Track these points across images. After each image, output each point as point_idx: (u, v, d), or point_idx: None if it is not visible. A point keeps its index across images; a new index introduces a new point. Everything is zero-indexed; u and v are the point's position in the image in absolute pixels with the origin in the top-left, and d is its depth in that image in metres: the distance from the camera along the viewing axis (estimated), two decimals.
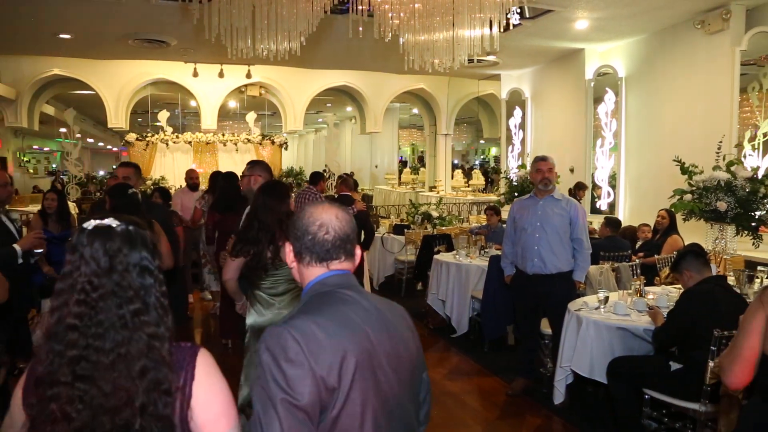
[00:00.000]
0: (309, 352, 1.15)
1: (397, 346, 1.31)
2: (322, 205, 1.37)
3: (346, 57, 9.35)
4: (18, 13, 6.68)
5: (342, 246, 1.34)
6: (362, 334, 1.24)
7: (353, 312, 1.27)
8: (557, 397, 3.72)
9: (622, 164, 7.72)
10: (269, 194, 2.87)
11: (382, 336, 1.28)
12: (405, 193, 13.43)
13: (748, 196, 4.26)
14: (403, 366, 1.32)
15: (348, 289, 1.32)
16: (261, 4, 3.83)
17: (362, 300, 1.31)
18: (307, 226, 1.33)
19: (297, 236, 1.34)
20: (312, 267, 1.33)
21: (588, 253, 4.01)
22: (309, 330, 1.18)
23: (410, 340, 1.38)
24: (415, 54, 4.22)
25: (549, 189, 3.98)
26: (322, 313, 1.24)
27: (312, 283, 1.34)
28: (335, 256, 1.33)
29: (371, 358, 1.23)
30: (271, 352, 1.16)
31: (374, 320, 1.29)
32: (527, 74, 9.68)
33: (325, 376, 1.15)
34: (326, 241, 1.32)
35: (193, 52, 8.96)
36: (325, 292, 1.31)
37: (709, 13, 6.15)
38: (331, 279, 1.33)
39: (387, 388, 1.26)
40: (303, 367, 1.14)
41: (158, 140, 11.10)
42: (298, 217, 1.35)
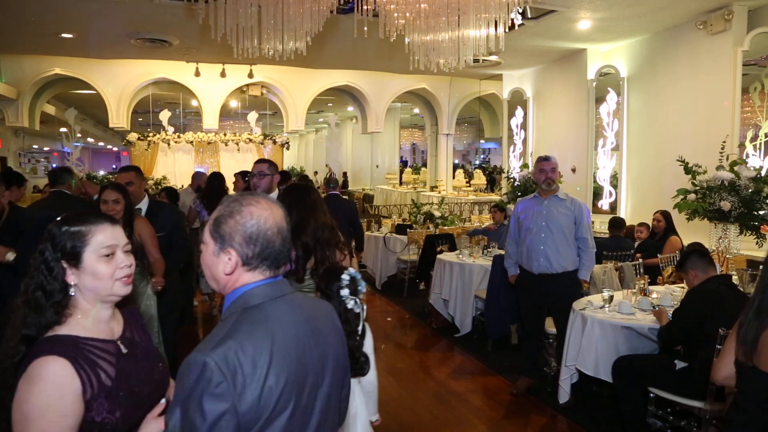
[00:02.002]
0: (234, 386, 1.06)
1: (327, 358, 1.25)
2: (268, 204, 1.24)
3: (351, 57, 9.36)
4: (20, 13, 6.68)
5: (290, 249, 1.24)
6: (293, 358, 1.16)
7: (284, 330, 1.17)
8: (562, 396, 3.74)
9: (624, 164, 7.73)
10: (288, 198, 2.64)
11: (314, 352, 1.21)
12: (406, 192, 13.44)
13: (752, 195, 4.28)
14: (333, 377, 1.27)
15: (281, 300, 1.21)
16: (267, 4, 3.84)
17: (293, 312, 1.21)
18: (264, 232, 1.19)
19: (252, 244, 1.19)
20: (258, 274, 1.21)
21: (593, 252, 4.02)
22: (235, 359, 1.08)
23: (339, 346, 1.32)
24: (421, 54, 4.23)
25: (552, 189, 4.00)
26: (249, 335, 1.12)
27: (241, 292, 1.20)
28: (285, 260, 1.24)
29: (302, 382, 1.17)
30: (191, 384, 1.06)
31: (306, 335, 1.21)
32: (529, 74, 9.69)
33: (248, 412, 1.07)
34: (283, 247, 1.22)
35: (195, 52, 8.97)
36: (255, 308, 1.18)
37: (712, 14, 6.17)
38: (261, 289, 1.20)
39: (314, 409, 1.21)
40: (226, 402, 1.05)
41: (160, 140, 11.10)
42: (246, 220, 1.19)
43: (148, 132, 11.24)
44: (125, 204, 3.10)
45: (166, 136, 11.15)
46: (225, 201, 1.24)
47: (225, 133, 11.84)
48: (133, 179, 3.55)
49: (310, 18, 3.96)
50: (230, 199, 1.24)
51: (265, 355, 1.11)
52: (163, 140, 11.13)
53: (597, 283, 4.59)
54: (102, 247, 1.35)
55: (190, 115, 14.80)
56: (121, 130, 11.26)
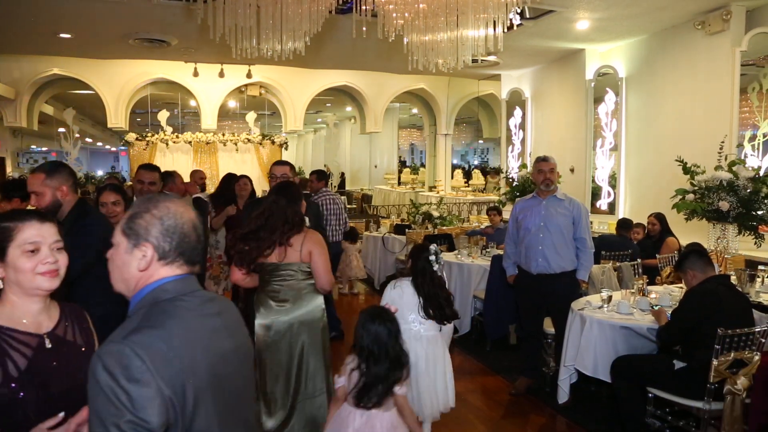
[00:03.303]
0: (155, 370, 1.06)
1: (239, 351, 1.28)
2: (183, 204, 1.27)
3: (349, 57, 9.35)
4: (18, 13, 6.67)
5: (204, 248, 1.30)
6: (207, 347, 1.18)
7: (196, 323, 1.19)
8: (561, 396, 3.74)
9: (623, 164, 7.73)
10: (284, 195, 2.87)
11: (225, 344, 1.24)
12: (405, 192, 13.44)
13: (750, 195, 4.28)
14: (244, 369, 1.31)
15: (191, 295, 1.23)
16: (266, 4, 3.83)
17: (204, 307, 1.24)
18: (181, 226, 1.22)
19: (169, 237, 1.21)
20: (174, 268, 1.22)
21: (591, 252, 4.02)
22: (154, 346, 1.08)
23: (247, 339, 1.36)
24: (419, 54, 4.23)
25: (551, 189, 4.00)
26: (164, 327, 1.13)
27: (152, 288, 1.21)
28: (199, 258, 1.26)
29: (217, 372, 1.18)
30: (110, 372, 1.04)
31: (217, 328, 1.24)
32: (527, 74, 9.70)
33: (172, 395, 1.08)
34: (197, 244, 1.25)
35: (194, 52, 8.96)
36: (166, 301, 1.19)
37: (710, 14, 6.17)
38: (173, 285, 1.21)
39: (231, 398, 1.23)
40: (150, 386, 1.05)
41: (158, 140, 11.09)
42: (164, 215, 1.22)
43: (146, 132, 11.22)
44: (126, 205, 3.10)
45: (165, 136, 11.14)
46: (138, 201, 1.29)
47: (223, 134, 11.83)
48: (156, 180, 3.59)
49: (309, 18, 3.96)
50: (144, 199, 1.27)
51: (180, 339, 1.13)
52: (161, 140, 11.11)
53: (596, 283, 4.60)
54: (26, 243, 1.42)
55: (188, 115, 14.79)
56: (120, 130, 11.24)
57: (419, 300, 2.96)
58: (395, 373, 2.29)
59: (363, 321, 2.35)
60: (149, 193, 3.59)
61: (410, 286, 3.00)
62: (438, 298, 2.97)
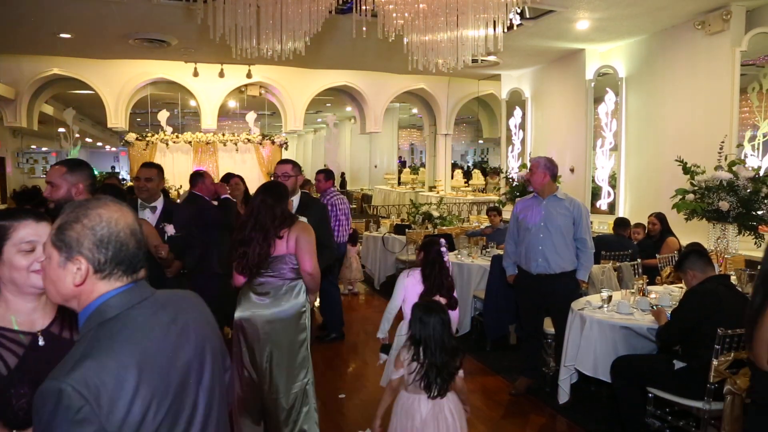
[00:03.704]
0: (99, 408, 0.98)
1: (204, 351, 1.21)
2: (116, 206, 1.16)
3: (349, 57, 9.36)
4: (18, 13, 6.67)
5: (146, 252, 1.18)
6: (164, 363, 1.10)
7: (150, 337, 1.10)
8: (561, 396, 3.74)
9: (622, 164, 7.74)
10: (269, 194, 2.90)
11: (188, 350, 1.16)
12: (405, 192, 13.44)
13: (750, 195, 4.28)
14: (213, 368, 1.23)
15: (141, 306, 1.13)
16: (266, 4, 3.84)
17: (157, 315, 1.15)
18: (116, 234, 1.12)
19: (103, 248, 1.11)
20: (114, 281, 1.13)
21: (591, 252, 4.01)
22: (96, 381, 1.00)
23: (212, 334, 1.28)
24: (419, 54, 4.23)
25: (539, 191, 4.01)
26: (110, 351, 1.04)
27: (95, 306, 1.11)
28: (142, 262, 1.16)
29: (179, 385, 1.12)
30: (48, 416, 0.98)
31: (176, 336, 1.15)
32: (527, 74, 9.70)
33: (120, 429, 1.01)
34: (138, 249, 1.15)
35: (194, 52, 8.96)
36: (113, 320, 1.09)
37: (710, 14, 6.18)
38: (118, 299, 1.12)
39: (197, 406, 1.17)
40: (93, 426, 0.97)
41: (158, 140, 11.10)
42: (95, 223, 1.11)
43: (146, 132, 11.23)
44: None
45: (165, 136, 11.15)
46: (68, 207, 1.16)
47: (223, 134, 11.83)
48: (153, 176, 3.59)
49: (309, 18, 3.96)
50: (74, 205, 1.16)
51: (131, 369, 1.04)
52: (161, 140, 11.12)
53: (596, 283, 4.60)
54: (22, 242, 1.42)
55: (188, 115, 14.79)
56: (120, 130, 11.24)
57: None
58: (454, 361, 2.43)
59: (418, 314, 2.48)
60: (146, 189, 3.58)
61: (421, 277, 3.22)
62: (443, 287, 3.17)
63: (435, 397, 2.40)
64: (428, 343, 2.41)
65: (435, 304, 2.57)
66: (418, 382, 2.39)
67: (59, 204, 2.44)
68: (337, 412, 3.91)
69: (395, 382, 2.53)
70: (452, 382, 2.45)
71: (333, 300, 5.38)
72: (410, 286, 3.23)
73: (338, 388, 4.25)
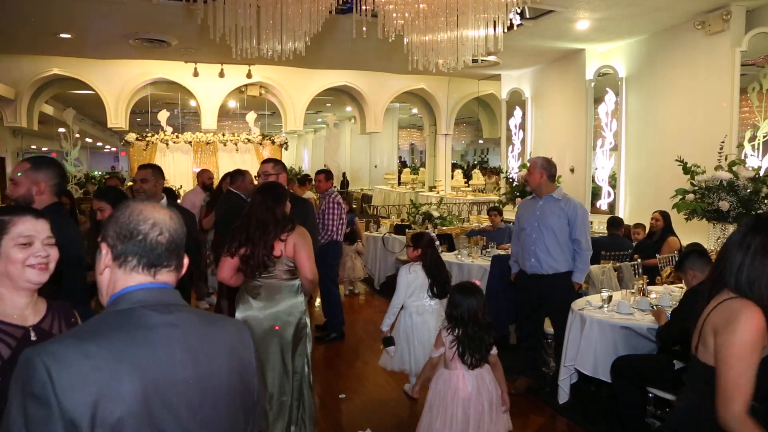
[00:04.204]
0: (58, 387, 0.92)
1: (205, 385, 1.09)
2: (152, 204, 1.17)
3: (349, 57, 9.36)
4: (18, 13, 6.67)
5: (175, 251, 1.15)
6: (149, 371, 1.01)
7: (149, 341, 1.04)
8: (561, 396, 3.74)
9: (623, 164, 7.74)
10: (267, 195, 2.90)
11: (181, 373, 1.06)
12: (405, 193, 13.44)
13: (750, 195, 4.28)
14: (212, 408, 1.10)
15: (158, 309, 1.09)
16: (266, 4, 3.84)
17: (171, 327, 1.08)
18: (137, 224, 1.11)
19: (122, 235, 1.11)
20: (134, 274, 1.11)
21: (588, 254, 3.94)
22: (68, 358, 0.95)
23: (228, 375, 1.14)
24: (419, 54, 4.23)
25: (538, 191, 4.00)
26: (100, 337, 1.00)
27: (116, 296, 1.10)
28: (166, 262, 1.14)
29: (152, 400, 1.01)
30: (16, 382, 0.95)
31: (178, 353, 1.06)
32: (527, 74, 9.70)
33: (77, 419, 0.93)
34: (159, 244, 1.12)
35: (194, 52, 8.96)
36: (124, 311, 1.07)
37: (710, 14, 6.18)
38: (140, 293, 1.09)
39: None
40: (47, 407, 0.92)
41: (158, 140, 11.08)
42: (121, 213, 1.13)
43: (146, 132, 11.22)
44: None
45: (165, 137, 11.14)
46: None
47: (223, 134, 11.83)
48: (148, 177, 3.57)
49: (309, 18, 3.96)
50: (122, 203, 1.19)
51: (113, 359, 0.99)
52: (161, 140, 11.11)
53: (596, 283, 4.60)
54: (20, 236, 1.46)
55: (188, 116, 14.78)
56: (120, 130, 11.24)
57: (428, 281, 3.68)
58: (489, 335, 2.73)
59: (457, 296, 2.78)
60: (142, 190, 3.56)
61: (422, 270, 3.69)
62: (440, 278, 3.68)
63: (473, 366, 2.69)
64: (465, 319, 2.71)
65: (470, 285, 2.86)
66: (458, 356, 2.68)
67: (18, 202, 2.31)
68: (337, 412, 3.91)
69: (435, 360, 2.84)
70: (488, 355, 2.75)
71: (333, 300, 5.38)
72: (413, 281, 3.62)
73: (338, 388, 4.25)
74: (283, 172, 3.52)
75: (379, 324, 3.95)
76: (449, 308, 2.78)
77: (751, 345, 1.58)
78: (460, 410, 2.67)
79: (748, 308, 1.62)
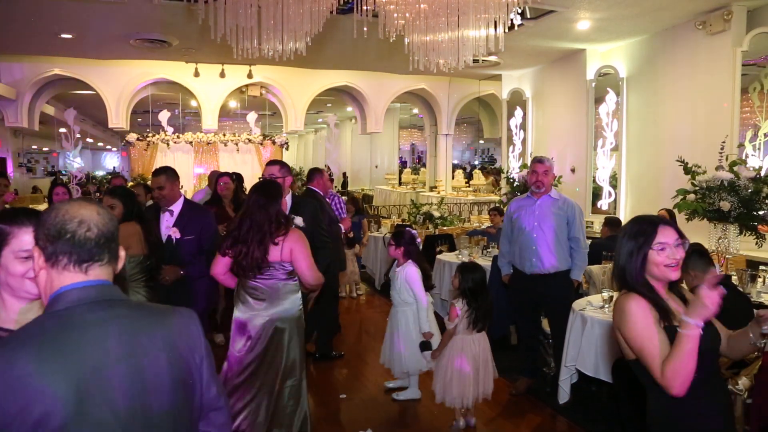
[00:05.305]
0: None
1: (143, 380, 1.10)
2: (78, 202, 1.18)
3: (350, 57, 9.37)
4: (19, 13, 6.68)
5: (106, 245, 1.15)
6: (81, 371, 1.02)
7: (81, 340, 1.05)
8: (562, 396, 3.74)
9: (623, 164, 7.74)
10: (262, 194, 2.90)
11: (116, 369, 1.07)
12: (405, 193, 13.45)
13: (751, 195, 4.27)
14: (153, 402, 1.11)
15: (91, 307, 1.10)
16: (267, 5, 3.84)
17: (105, 323, 1.09)
18: (64, 223, 1.12)
19: (51, 236, 1.11)
20: (66, 273, 1.12)
21: (585, 252, 4.02)
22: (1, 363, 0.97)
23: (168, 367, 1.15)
24: (420, 54, 4.23)
25: (542, 191, 4.00)
26: (30, 342, 1.01)
27: (53, 297, 1.11)
28: (98, 257, 1.14)
29: (88, 400, 1.01)
30: None
31: (113, 349, 1.07)
32: (528, 74, 9.70)
33: (8, 427, 0.95)
34: (89, 240, 1.13)
35: (194, 52, 8.97)
36: (57, 313, 1.08)
37: (711, 14, 6.17)
38: (74, 293, 1.10)
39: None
40: None
41: (159, 140, 11.09)
42: (48, 215, 1.14)
43: (147, 132, 11.23)
44: (122, 210, 3.12)
45: (166, 137, 11.14)
46: None
47: (224, 134, 11.83)
48: (163, 183, 3.61)
49: (310, 18, 3.96)
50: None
51: (41, 364, 0.99)
52: (162, 141, 11.11)
53: (597, 283, 4.59)
54: (20, 250, 1.40)
55: (189, 116, 14.80)
56: (121, 131, 11.25)
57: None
58: (489, 305, 3.51)
59: (466, 273, 3.43)
60: (162, 197, 3.61)
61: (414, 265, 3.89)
62: (428, 273, 3.95)
63: (481, 330, 3.46)
64: (476, 291, 3.41)
65: (474, 264, 3.58)
66: (470, 323, 3.39)
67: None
68: (338, 412, 3.92)
69: (452, 330, 3.41)
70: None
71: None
72: (418, 277, 3.80)
73: (338, 388, 4.25)
74: (288, 175, 3.52)
75: (379, 324, 3.96)
76: (462, 284, 3.40)
77: (646, 329, 1.71)
78: (470, 365, 3.38)
79: (626, 299, 1.77)
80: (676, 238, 1.77)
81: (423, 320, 3.73)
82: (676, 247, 1.76)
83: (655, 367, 1.70)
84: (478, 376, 3.42)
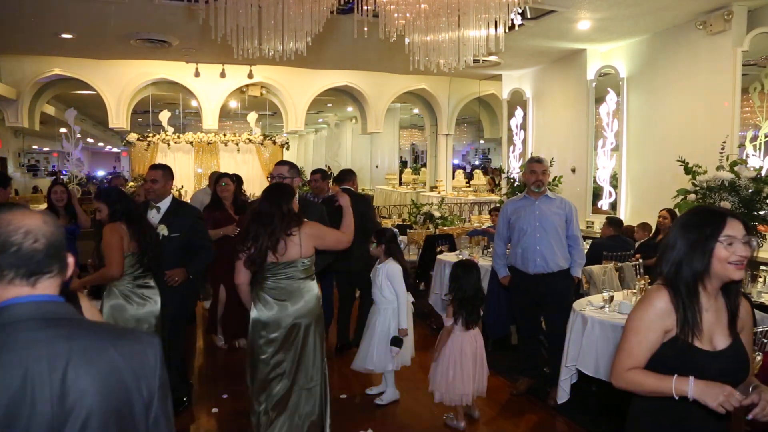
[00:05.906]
0: None
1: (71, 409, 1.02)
2: (21, 211, 1.10)
3: (350, 57, 9.37)
4: (20, 13, 6.68)
5: (56, 255, 1.09)
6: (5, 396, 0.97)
7: (9, 363, 0.99)
8: (562, 396, 3.73)
9: (624, 164, 7.73)
10: (273, 193, 2.94)
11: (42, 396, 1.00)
12: (406, 193, 13.44)
13: (752, 195, 4.28)
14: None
15: (29, 326, 1.03)
16: (268, 5, 3.84)
17: (38, 345, 1.01)
18: (8, 235, 1.05)
19: None
20: (11, 287, 1.05)
21: (583, 249, 4.12)
22: None
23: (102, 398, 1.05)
24: (421, 54, 4.23)
25: (541, 191, 4.01)
26: None
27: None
28: (47, 268, 1.08)
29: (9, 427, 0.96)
30: None
31: (40, 374, 1.00)
32: (529, 74, 9.70)
33: None
34: (37, 251, 1.06)
35: (195, 52, 8.97)
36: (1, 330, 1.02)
37: (711, 14, 6.17)
38: (15, 309, 1.04)
39: None
40: None
41: (159, 140, 11.09)
42: None
43: (147, 132, 11.23)
44: (107, 212, 3.14)
45: (166, 137, 11.14)
46: None
47: (225, 134, 11.83)
48: (158, 177, 3.63)
49: (310, 18, 3.96)
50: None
51: None
52: (162, 140, 11.12)
53: (597, 283, 4.60)
54: None
55: (189, 116, 14.80)
56: (121, 131, 11.25)
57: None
58: (481, 302, 3.62)
59: (462, 274, 3.53)
60: (152, 190, 3.60)
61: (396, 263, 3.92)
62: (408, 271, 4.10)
63: (471, 326, 3.51)
64: (467, 289, 3.49)
65: (470, 262, 3.73)
66: (463, 321, 3.47)
67: None
68: (337, 412, 3.91)
69: (450, 327, 3.52)
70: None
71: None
72: (399, 272, 3.84)
73: (338, 388, 4.25)
74: (297, 175, 3.53)
75: None
76: (458, 284, 3.50)
77: (643, 328, 1.65)
78: (468, 361, 3.47)
79: (656, 290, 1.68)
80: (744, 233, 1.59)
81: (402, 317, 3.77)
82: (744, 243, 1.58)
83: (620, 360, 1.67)
84: (475, 372, 3.52)
